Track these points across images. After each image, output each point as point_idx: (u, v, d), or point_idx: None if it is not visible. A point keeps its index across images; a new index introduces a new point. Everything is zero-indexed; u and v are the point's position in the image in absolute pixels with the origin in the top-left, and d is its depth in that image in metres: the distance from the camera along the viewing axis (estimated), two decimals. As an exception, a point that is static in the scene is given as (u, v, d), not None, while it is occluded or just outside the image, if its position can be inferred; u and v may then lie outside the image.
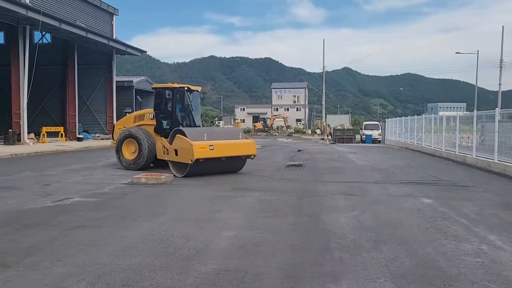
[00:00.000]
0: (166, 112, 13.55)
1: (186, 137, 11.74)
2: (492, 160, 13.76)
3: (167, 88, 13.48)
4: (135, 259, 4.86)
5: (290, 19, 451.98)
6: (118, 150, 13.76)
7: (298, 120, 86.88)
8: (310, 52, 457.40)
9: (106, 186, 10.26)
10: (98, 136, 32.94)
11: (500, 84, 45.40)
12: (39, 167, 14.57)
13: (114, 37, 33.93)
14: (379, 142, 36.25)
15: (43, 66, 28.22)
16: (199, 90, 14.44)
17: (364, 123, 42.34)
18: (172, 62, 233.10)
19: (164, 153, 12.62)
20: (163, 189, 9.95)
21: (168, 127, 13.36)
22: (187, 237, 5.76)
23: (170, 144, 12.28)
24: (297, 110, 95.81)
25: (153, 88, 14.36)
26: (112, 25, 35.08)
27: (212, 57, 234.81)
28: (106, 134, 33.64)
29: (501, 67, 45.66)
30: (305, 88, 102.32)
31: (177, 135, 12.10)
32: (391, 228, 6.36)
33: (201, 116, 15.94)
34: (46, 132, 27.61)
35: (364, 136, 36.64)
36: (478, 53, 45.52)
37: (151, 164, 13.76)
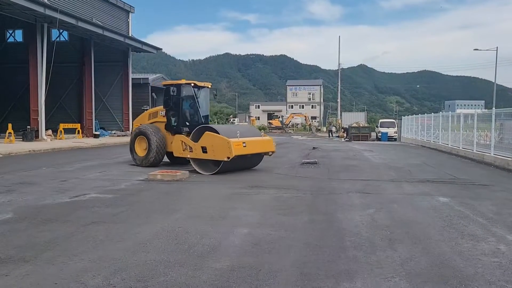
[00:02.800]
0: (174, 109, 13.50)
1: (219, 134, 11.70)
2: (511, 159, 13.49)
3: (175, 85, 13.37)
4: (150, 255, 4.90)
5: (306, 16, 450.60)
6: (131, 147, 13.92)
7: (313, 118, 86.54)
8: (326, 49, 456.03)
9: (122, 183, 10.37)
10: (114, 133, 33.30)
11: (519, 81, 44.42)
12: (57, 163, 14.81)
13: (130, 35, 34.21)
14: (395, 140, 35.88)
15: (60, 64, 28.66)
16: (209, 87, 14.20)
17: (380, 120, 41.94)
18: (188, 60, 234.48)
19: (184, 150, 12.45)
20: (179, 186, 10.01)
21: (175, 124, 13.36)
22: (201, 234, 5.79)
23: (195, 141, 12.09)
24: (312, 107, 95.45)
25: (163, 85, 14.22)
26: (128, 22, 35.36)
27: (227, 54, 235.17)
28: (122, 131, 34.00)
29: (521, 64, 44.66)
30: (320, 85, 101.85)
31: (207, 132, 11.95)
32: (407, 227, 6.29)
33: (216, 113, 15.91)
34: (63, 128, 28.05)
35: (380, 134, 36.29)
36: (497, 50, 44.68)
37: (167, 161, 13.92)
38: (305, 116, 69.12)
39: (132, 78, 35.47)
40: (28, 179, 10.93)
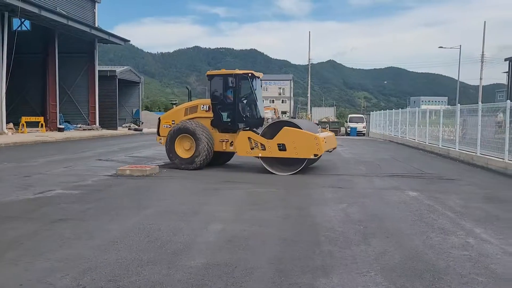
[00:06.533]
0: (227, 102, 11.93)
1: (302, 129, 11.03)
2: (475, 154, 13.93)
3: (229, 75, 11.79)
4: (121, 253, 4.74)
5: (276, 11, 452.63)
6: (171, 146, 11.94)
7: (284, 113, 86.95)
8: (296, 44, 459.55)
9: (89, 178, 10.05)
10: (80, 127, 32.34)
11: (481, 79, 46.14)
12: (19, 158, 14.21)
13: (96, 26, 33.22)
14: (364, 135, 36.54)
15: (22, 54, 27.52)
16: (261, 77, 12.71)
17: (349, 116, 42.59)
18: (156, 52, 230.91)
19: (253, 149, 11.22)
20: (149, 182, 9.78)
21: (229, 119, 11.86)
22: (174, 230, 5.65)
23: (269, 138, 11.06)
24: (282, 102, 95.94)
25: (208, 75, 12.32)
26: (94, 13, 34.34)
27: (196, 47, 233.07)
28: (88, 125, 33.09)
29: (482, 62, 46.35)
30: (291, 80, 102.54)
31: (286, 127, 11.01)
32: (379, 221, 6.36)
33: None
34: (25, 122, 26.94)
35: (349, 129, 36.86)
36: (460, 48, 46.11)
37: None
38: (275, 109, 69.16)
39: (98, 70, 34.47)
40: (-12, 174, 10.43)
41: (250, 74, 11.99)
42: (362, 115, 42.28)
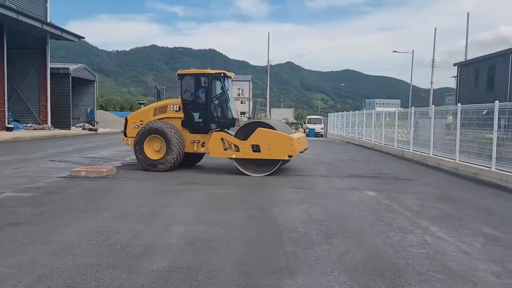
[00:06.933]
0: (198, 102, 11.61)
1: (276, 130, 10.88)
2: (428, 155, 14.50)
3: (201, 75, 11.49)
4: (78, 258, 4.53)
5: (234, 12, 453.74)
6: (140, 147, 11.49)
7: (243, 113, 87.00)
8: (254, 45, 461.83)
9: (41, 180, 9.58)
10: (30, 126, 30.86)
11: (432, 83, 48.27)
12: (-36, 158, 13.37)
13: (48, 21, 31.84)
14: (322, 136, 37.15)
15: (-33, 49, 25.91)
16: (232, 77, 12.53)
17: (308, 117, 43.15)
18: (112, 50, 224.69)
19: (226, 150, 11.02)
20: (106, 183, 9.46)
21: (201, 120, 11.59)
22: (134, 233, 5.48)
23: (243, 139, 10.93)
24: (241, 103, 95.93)
25: (178, 74, 11.90)
26: (46, 7, 32.85)
27: (154, 46, 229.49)
28: (39, 124, 31.65)
29: (433, 67, 48.48)
30: (250, 81, 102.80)
31: (260, 128, 10.87)
32: (340, 221, 6.46)
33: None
34: (-29, 120, 25.46)
35: (308, 130, 37.35)
36: (413, 53, 47.97)
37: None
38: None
39: (51, 68, 33.02)
40: None
41: (222, 74, 11.78)
42: (320, 117, 42.98)
